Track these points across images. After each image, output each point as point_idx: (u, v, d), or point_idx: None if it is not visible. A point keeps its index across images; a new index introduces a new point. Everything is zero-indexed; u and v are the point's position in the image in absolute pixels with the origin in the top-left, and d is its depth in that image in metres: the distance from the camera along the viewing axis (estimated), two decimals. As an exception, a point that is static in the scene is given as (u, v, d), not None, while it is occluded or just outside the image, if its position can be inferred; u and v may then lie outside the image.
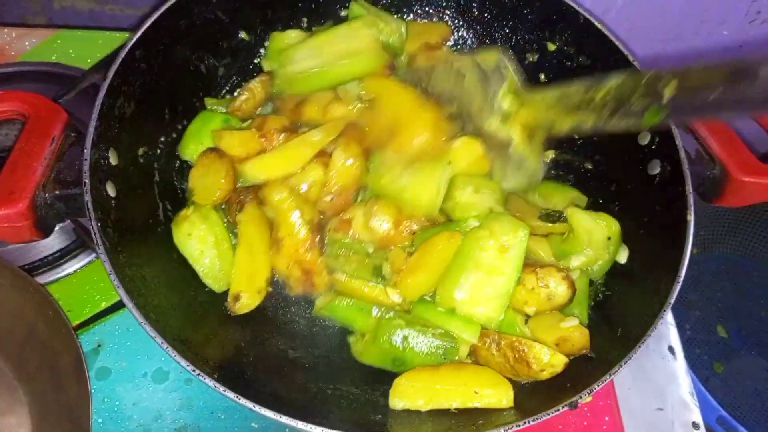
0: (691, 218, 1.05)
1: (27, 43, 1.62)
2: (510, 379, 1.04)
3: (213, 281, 1.14)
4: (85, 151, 0.98)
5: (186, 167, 1.23)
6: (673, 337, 1.40)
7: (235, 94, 1.27)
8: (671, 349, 1.39)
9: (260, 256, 1.14)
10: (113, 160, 1.05)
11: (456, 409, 1.01)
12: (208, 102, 1.29)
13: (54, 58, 1.59)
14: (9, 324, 1.16)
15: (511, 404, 1.00)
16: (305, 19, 1.37)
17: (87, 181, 0.96)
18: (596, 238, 1.12)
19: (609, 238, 1.13)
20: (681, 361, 1.37)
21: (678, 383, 1.34)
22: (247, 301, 1.11)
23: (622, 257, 1.17)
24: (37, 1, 2.12)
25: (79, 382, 1.08)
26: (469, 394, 1.01)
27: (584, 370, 1.01)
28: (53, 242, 1.33)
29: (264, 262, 1.14)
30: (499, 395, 1.01)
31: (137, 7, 2.06)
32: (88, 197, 0.96)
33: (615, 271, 1.17)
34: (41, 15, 2.17)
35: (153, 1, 1.96)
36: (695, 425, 1.28)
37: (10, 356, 1.17)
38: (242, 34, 1.32)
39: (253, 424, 1.18)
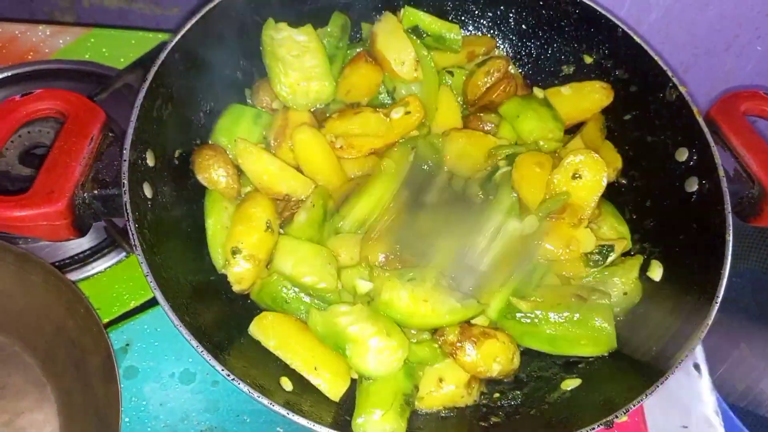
0: (729, 238, 1.04)
1: (60, 41, 1.63)
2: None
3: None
4: (124, 151, 0.99)
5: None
6: (699, 355, 1.39)
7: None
8: (697, 367, 1.37)
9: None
10: (150, 161, 1.06)
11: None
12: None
13: (87, 56, 1.60)
14: (39, 320, 1.17)
15: (336, 399, 1.01)
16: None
17: (125, 181, 0.97)
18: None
19: (625, 294, 1.17)
20: (706, 379, 1.36)
21: (703, 401, 1.33)
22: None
23: (657, 275, 1.16)
24: (65, -1, 2.14)
25: (109, 381, 1.08)
26: (309, 365, 1.02)
27: (618, 389, 1.00)
28: (84, 240, 1.33)
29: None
30: (331, 384, 1.02)
31: (165, 7, 2.07)
32: (126, 198, 0.96)
33: (649, 288, 1.16)
34: (70, 12, 2.19)
35: (181, 1, 1.98)
36: (720, 443, 1.27)
37: (39, 352, 1.18)
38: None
39: (278, 429, 1.18)
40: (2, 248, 1.13)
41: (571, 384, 1.07)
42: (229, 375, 0.89)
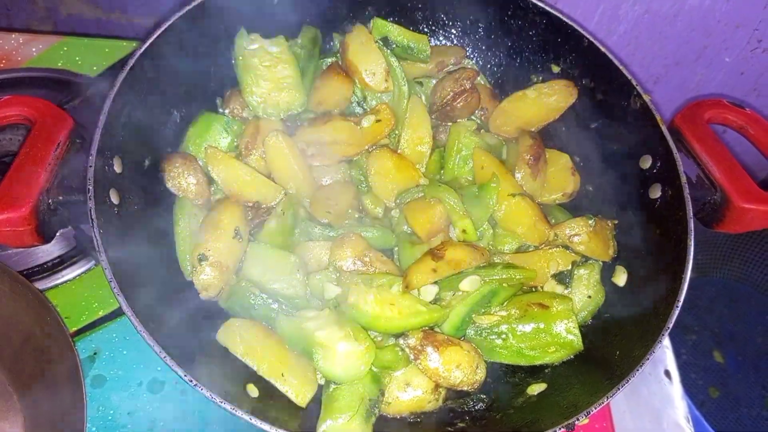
0: (691, 243, 1.05)
1: (34, 49, 1.63)
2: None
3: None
4: (89, 158, 0.99)
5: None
6: (670, 362, 1.40)
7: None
8: (667, 373, 1.38)
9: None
10: (117, 168, 1.06)
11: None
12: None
13: (60, 64, 1.60)
14: (5, 329, 1.16)
15: (303, 405, 1.02)
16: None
17: (91, 188, 0.97)
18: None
19: (589, 297, 1.19)
20: (677, 386, 1.37)
21: (674, 407, 1.34)
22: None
23: (621, 280, 1.17)
24: (44, 8, 2.14)
25: (75, 390, 1.08)
26: (276, 371, 1.02)
27: (582, 392, 1.01)
28: (53, 248, 1.33)
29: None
30: (297, 390, 1.02)
31: (142, 16, 2.07)
32: (91, 204, 0.96)
33: (614, 293, 1.17)
34: (48, 21, 2.18)
35: (159, 11, 1.98)
36: (690, 450, 1.28)
37: (5, 362, 1.17)
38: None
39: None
40: None
41: (536, 389, 1.08)
42: (192, 381, 0.89)
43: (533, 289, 1.19)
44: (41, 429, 1.13)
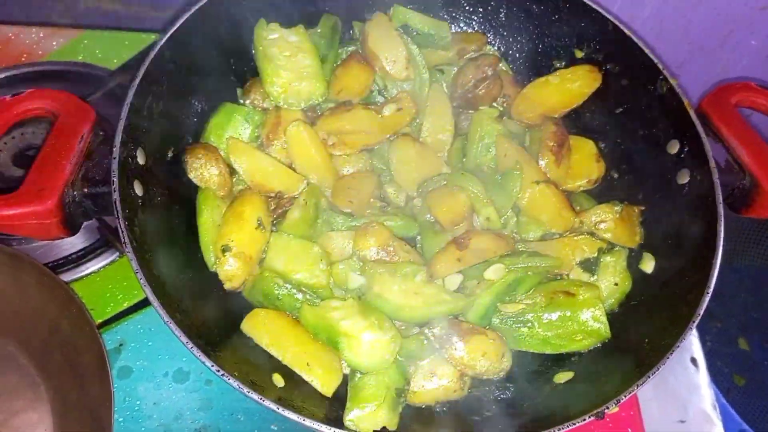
0: (721, 229, 1.04)
1: (54, 43, 1.64)
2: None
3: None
4: (114, 149, 0.99)
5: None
6: (696, 349, 1.38)
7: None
8: (694, 361, 1.37)
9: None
10: (141, 160, 1.06)
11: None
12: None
13: (80, 57, 1.61)
14: (33, 321, 1.17)
15: (329, 394, 1.01)
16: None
17: (115, 179, 0.97)
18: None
19: (615, 284, 1.17)
20: (704, 373, 1.35)
21: (700, 395, 1.32)
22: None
23: (649, 267, 1.16)
24: (62, 1, 2.14)
25: (102, 381, 1.09)
26: (301, 361, 1.02)
27: (610, 380, 0.99)
28: (77, 241, 1.34)
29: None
30: (323, 379, 1.01)
31: (162, 9, 2.07)
32: (116, 195, 0.96)
33: (642, 280, 1.16)
34: (67, 15, 2.19)
35: (178, 3, 1.98)
36: (717, 438, 1.27)
37: (33, 353, 1.18)
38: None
39: (272, 427, 1.18)
40: None
41: (563, 377, 1.07)
42: (219, 371, 0.89)
43: (559, 277, 1.17)
44: (69, 419, 1.14)
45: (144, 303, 1.28)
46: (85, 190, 1.01)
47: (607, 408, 0.90)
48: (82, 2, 2.12)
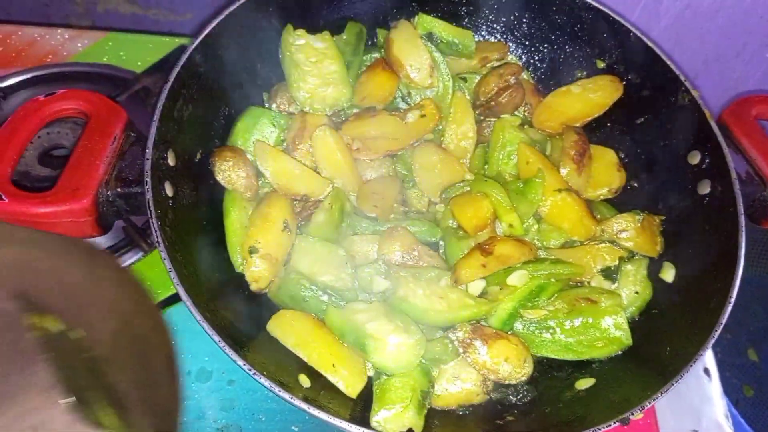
0: (742, 240, 1.05)
1: (79, 44, 1.65)
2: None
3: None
4: (146, 150, 1.01)
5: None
6: (709, 359, 1.39)
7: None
8: (707, 371, 1.38)
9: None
10: (171, 161, 1.08)
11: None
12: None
13: (105, 59, 1.62)
14: (104, 315, 1.17)
15: (353, 396, 1.02)
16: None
17: (148, 180, 0.99)
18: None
19: (636, 293, 1.19)
20: (716, 383, 1.36)
21: (713, 405, 1.33)
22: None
23: (669, 276, 1.17)
24: (81, 4, 2.17)
25: (171, 382, 1.09)
26: (327, 362, 1.03)
27: (632, 388, 1.01)
28: (101, 240, 1.35)
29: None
30: (348, 381, 1.02)
31: (179, 13, 2.10)
32: (149, 196, 0.98)
33: (663, 289, 1.17)
34: (86, 18, 2.22)
35: (195, 7, 2.01)
36: (730, 447, 1.28)
37: (102, 347, 1.19)
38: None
39: (293, 428, 1.19)
40: (74, 242, 1.15)
41: (584, 384, 1.08)
42: (250, 370, 0.90)
43: (580, 285, 1.19)
44: (133, 414, 1.14)
45: (166, 302, 1.29)
46: (118, 189, 1.03)
47: (632, 414, 0.92)
48: (101, 5, 2.15)
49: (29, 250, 1.15)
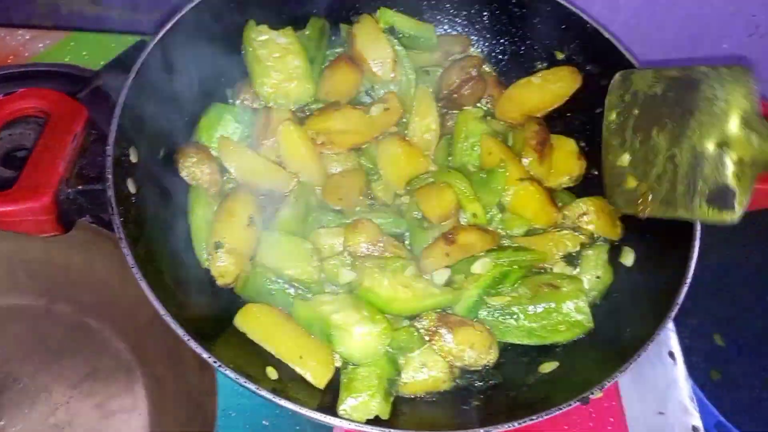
0: (697, 223, 1.08)
1: (40, 45, 1.64)
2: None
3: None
4: (107, 147, 1.01)
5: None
6: (674, 343, 1.42)
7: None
8: (671, 355, 1.41)
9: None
10: (133, 158, 1.08)
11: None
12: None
13: (67, 59, 1.61)
14: (132, 309, 1.17)
15: (321, 386, 1.03)
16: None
17: (110, 176, 0.99)
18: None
19: (598, 277, 1.21)
20: (681, 367, 1.39)
21: (678, 388, 1.36)
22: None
23: (629, 260, 1.20)
24: (44, 5, 2.14)
25: (204, 371, 1.09)
26: (294, 354, 1.04)
27: (594, 369, 1.03)
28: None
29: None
30: (315, 372, 1.03)
31: (143, 12, 2.08)
32: (111, 192, 0.98)
33: (621, 272, 1.20)
34: (48, 19, 2.18)
35: (160, 7, 1.99)
36: (695, 429, 1.30)
37: (129, 339, 1.21)
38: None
39: (264, 422, 1.19)
40: (102, 235, 1.14)
41: (548, 367, 1.11)
42: (216, 362, 0.91)
43: (543, 271, 1.21)
44: (166, 406, 1.15)
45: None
46: (80, 187, 1.03)
47: (592, 393, 0.94)
48: (64, 6, 2.12)
49: (54, 246, 1.15)
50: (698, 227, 1.08)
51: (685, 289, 1.03)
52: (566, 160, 1.33)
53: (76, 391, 1.17)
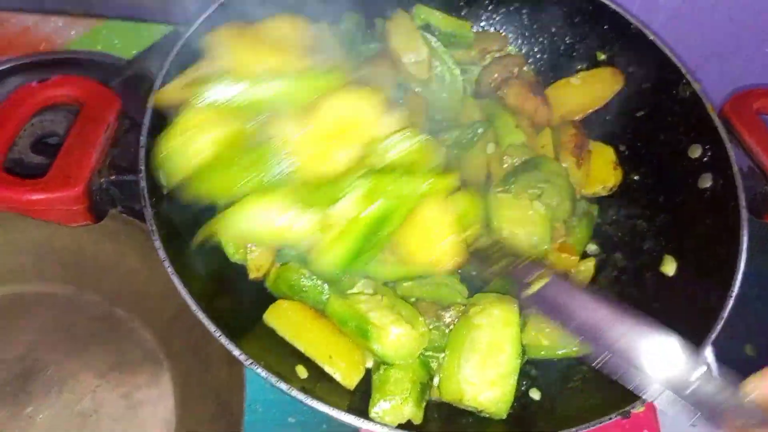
0: (745, 234, 1.05)
1: (73, 32, 1.64)
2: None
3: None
4: (141, 138, 0.99)
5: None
6: (708, 355, 1.38)
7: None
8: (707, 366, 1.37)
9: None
10: (166, 149, 1.06)
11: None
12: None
13: (99, 47, 1.61)
14: (160, 301, 1.17)
15: (350, 387, 1.02)
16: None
17: (143, 167, 0.97)
18: None
19: None
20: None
21: (711, 400, 1.32)
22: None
23: (670, 269, 1.16)
24: (77, -7, 2.14)
25: (231, 365, 1.08)
26: (324, 354, 1.02)
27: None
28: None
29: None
30: (345, 372, 1.02)
31: (177, 1, 2.07)
32: (143, 184, 0.96)
33: (663, 283, 1.16)
34: (81, 6, 2.18)
35: (189, -4, 1.98)
36: (727, 442, 1.27)
37: (157, 332, 1.21)
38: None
39: (290, 419, 1.18)
40: (132, 225, 1.13)
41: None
42: (247, 360, 0.89)
43: None
44: (193, 399, 1.15)
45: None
46: (112, 177, 1.01)
47: (634, 407, 0.91)
48: (96, -6, 2.12)
49: (84, 234, 1.15)
50: (745, 239, 1.05)
51: (731, 303, 1.00)
52: (602, 168, 1.29)
53: (103, 380, 1.16)
